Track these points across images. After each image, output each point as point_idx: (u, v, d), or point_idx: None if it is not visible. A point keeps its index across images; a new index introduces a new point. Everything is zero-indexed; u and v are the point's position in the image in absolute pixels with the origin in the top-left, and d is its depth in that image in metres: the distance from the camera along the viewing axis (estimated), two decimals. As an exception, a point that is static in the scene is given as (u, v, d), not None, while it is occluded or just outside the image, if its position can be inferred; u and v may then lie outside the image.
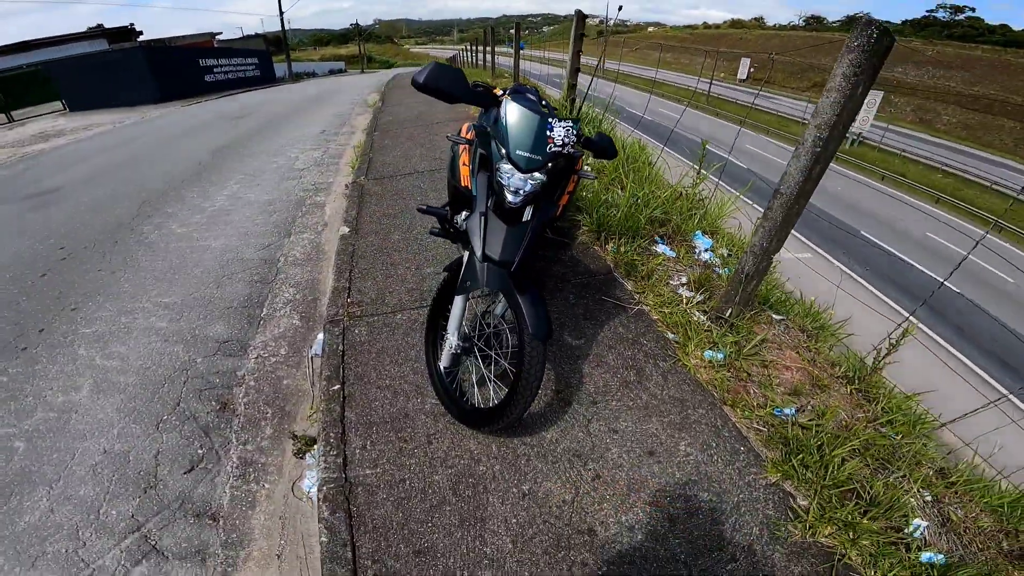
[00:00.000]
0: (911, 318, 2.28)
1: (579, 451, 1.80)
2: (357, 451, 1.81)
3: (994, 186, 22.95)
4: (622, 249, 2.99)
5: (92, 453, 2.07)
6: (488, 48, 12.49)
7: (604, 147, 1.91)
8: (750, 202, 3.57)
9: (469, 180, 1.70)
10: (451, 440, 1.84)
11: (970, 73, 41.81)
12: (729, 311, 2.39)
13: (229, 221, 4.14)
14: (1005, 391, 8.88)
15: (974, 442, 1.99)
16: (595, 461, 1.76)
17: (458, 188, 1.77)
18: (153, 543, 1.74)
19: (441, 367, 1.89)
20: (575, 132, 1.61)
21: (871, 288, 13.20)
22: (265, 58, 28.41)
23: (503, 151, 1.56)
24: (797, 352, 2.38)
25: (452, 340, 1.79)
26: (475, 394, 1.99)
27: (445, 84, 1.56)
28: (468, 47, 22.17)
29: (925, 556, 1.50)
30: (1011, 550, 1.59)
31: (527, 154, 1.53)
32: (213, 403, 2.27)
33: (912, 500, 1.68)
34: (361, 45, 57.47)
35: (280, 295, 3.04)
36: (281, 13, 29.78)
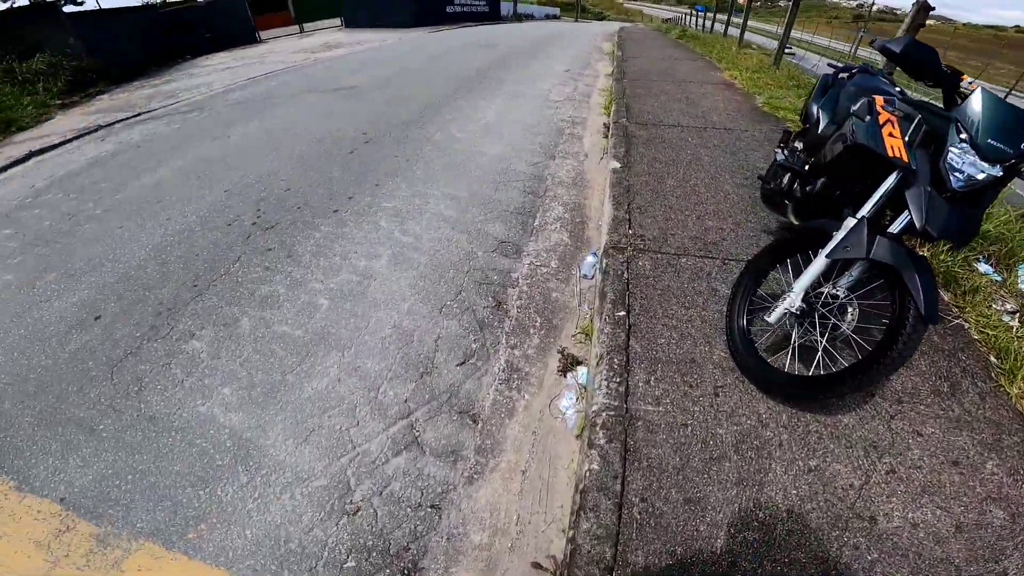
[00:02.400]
0: None
1: (876, 443, 1.71)
2: (640, 384, 1.88)
3: None
4: (942, 257, 2.58)
5: (384, 325, 2.33)
6: (730, 16, 11.28)
7: None
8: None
9: (903, 152, 1.64)
10: (739, 398, 1.84)
11: None
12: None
13: (500, 134, 4.57)
14: None
15: None
16: (892, 456, 1.68)
17: (883, 156, 1.69)
18: (417, 434, 1.84)
19: (766, 319, 1.90)
20: None
21: None
22: (494, -6, 29.61)
23: (964, 135, 1.55)
24: None
25: (794, 299, 1.81)
26: (785, 362, 1.95)
27: (922, 57, 1.68)
28: (693, 12, 20.34)
29: None
30: None
31: (998, 143, 1.51)
32: (490, 299, 2.51)
33: None
34: (581, -7, 56.28)
35: (550, 211, 3.29)
36: (523, -49, 30.37)
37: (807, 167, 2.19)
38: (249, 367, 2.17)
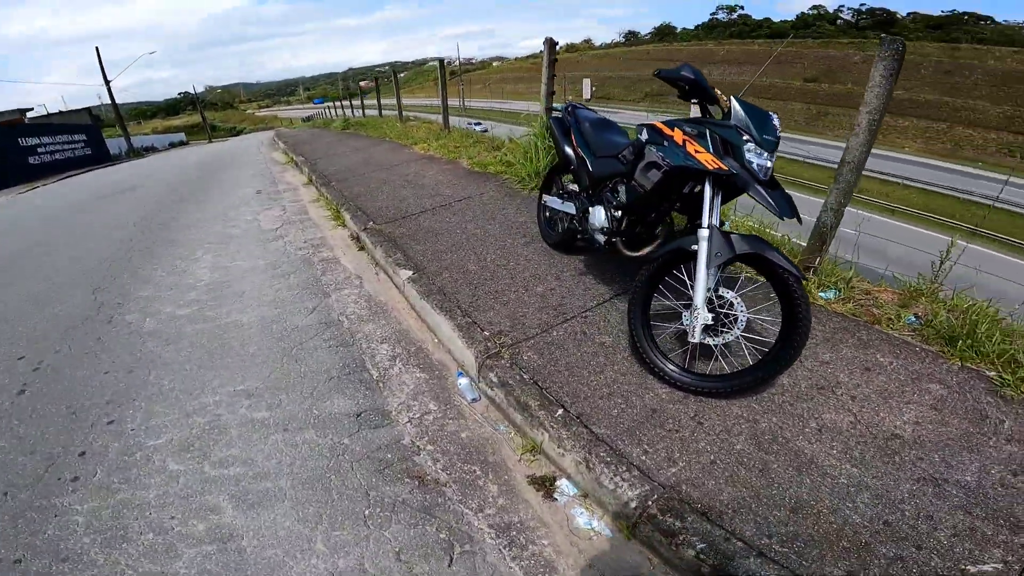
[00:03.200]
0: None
1: (819, 384, 2.05)
2: (642, 457, 1.76)
3: (806, 159, 28.55)
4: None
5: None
6: (379, 99, 12.47)
7: None
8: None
9: (718, 162, 1.91)
10: (718, 413, 1.93)
11: (755, 66, 51.60)
12: (818, 259, 2.86)
13: (239, 291, 3.58)
14: None
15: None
16: (837, 387, 2.04)
17: (703, 171, 1.95)
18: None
19: (691, 340, 2.03)
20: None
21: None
22: (95, 133, 24.80)
23: (747, 137, 1.90)
24: (877, 284, 2.85)
25: (703, 314, 1.96)
26: (715, 365, 2.12)
27: (697, 77, 2.01)
28: (332, 105, 21.89)
29: None
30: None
31: (768, 136, 1.91)
32: (406, 479, 1.92)
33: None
34: (203, 113, 52.93)
35: (377, 353, 2.73)
36: (107, 82, 26.43)
37: (627, 202, 2.41)
38: None
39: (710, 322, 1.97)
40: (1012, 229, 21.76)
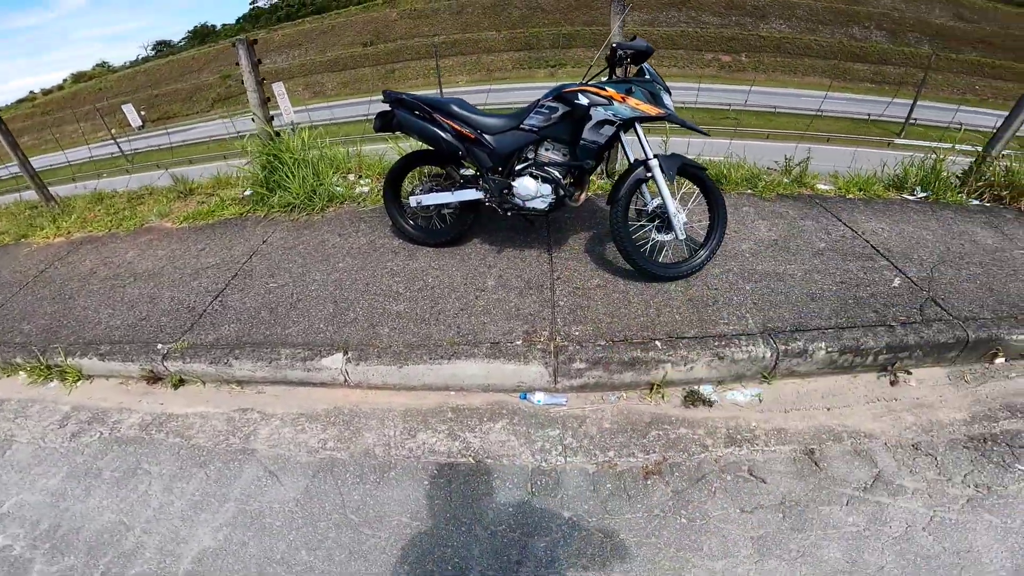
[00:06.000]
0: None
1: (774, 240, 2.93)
2: (729, 327, 2.33)
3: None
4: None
5: None
6: None
7: None
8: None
9: (658, 108, 2.42)
10: (714, 279, 2.69)
11: (312, 45, 52.28)
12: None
13: (116, 537, 1.94)
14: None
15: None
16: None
17: (651, 117, 2.42)
18: None
19: (679, 239, 2.62)
20: None
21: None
22: None
23: (660, 87, 2.46)
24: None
25: (680, 215, 2.55)
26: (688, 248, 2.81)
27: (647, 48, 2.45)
28: None
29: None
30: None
31: (666, 86, 2.50)
32: (647, 483, 1.88)
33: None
34: None
35: (431, 448, 2.18)
36: None
37: (577, 159, 2.61)
38: None
39: (685, 219, 2.58)
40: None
